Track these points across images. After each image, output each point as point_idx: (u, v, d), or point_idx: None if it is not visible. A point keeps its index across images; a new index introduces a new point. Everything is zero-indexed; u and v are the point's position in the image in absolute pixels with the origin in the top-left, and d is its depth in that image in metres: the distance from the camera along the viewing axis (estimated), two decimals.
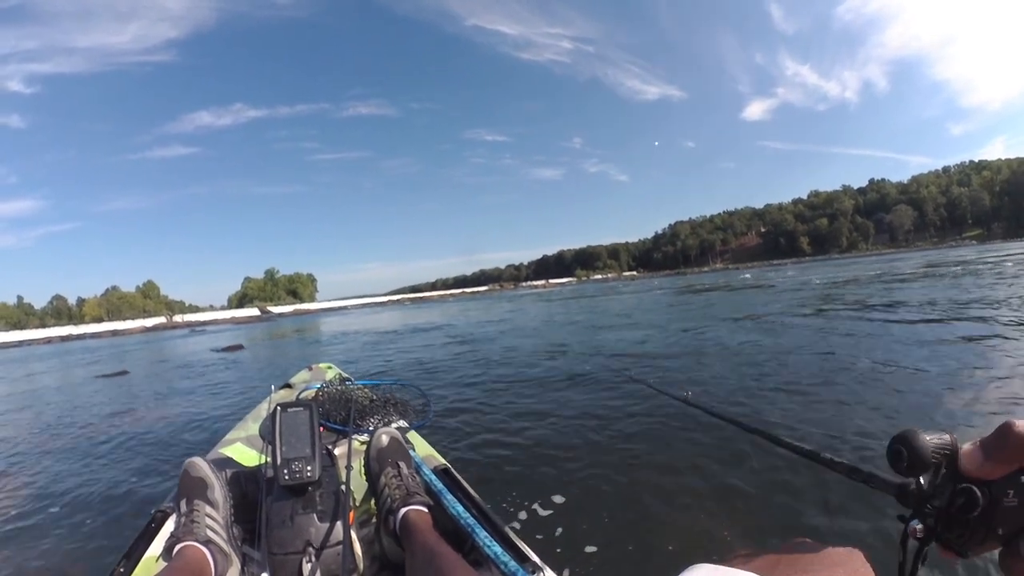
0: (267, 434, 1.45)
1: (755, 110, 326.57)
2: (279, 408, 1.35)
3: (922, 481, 0.45)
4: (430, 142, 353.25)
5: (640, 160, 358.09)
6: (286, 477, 1.24)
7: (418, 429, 2.11)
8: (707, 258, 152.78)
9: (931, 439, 0.43)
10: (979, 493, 0.39)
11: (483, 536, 1.17)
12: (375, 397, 2.25)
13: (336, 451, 1.65)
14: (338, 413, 2.04)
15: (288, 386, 2.74)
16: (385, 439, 1.47)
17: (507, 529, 1.26)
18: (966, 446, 0.41)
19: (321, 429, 1.44)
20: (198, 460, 1.33)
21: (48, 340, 49.05)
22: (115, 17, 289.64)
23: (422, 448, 1.87)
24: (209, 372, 10.45)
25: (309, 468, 1.26)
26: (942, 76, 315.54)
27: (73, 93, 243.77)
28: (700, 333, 8.08)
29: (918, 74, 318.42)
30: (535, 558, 1.15)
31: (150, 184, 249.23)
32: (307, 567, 1.17)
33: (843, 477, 0.59)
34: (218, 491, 1.30)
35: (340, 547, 1.19)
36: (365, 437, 1.79)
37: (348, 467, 1.39)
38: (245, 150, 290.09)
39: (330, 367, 3.23)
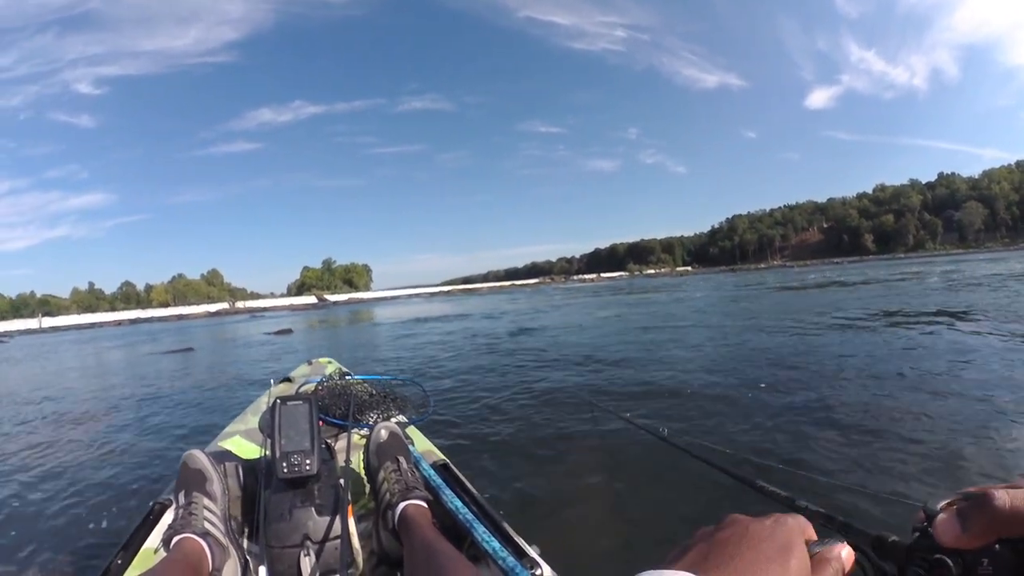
0: (266, 427, 1.43)
1: (818, 98, 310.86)
2: (279, 401, 1.35)
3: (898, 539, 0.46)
4: (484, 135, 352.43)
5: (698, 151, 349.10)
6: (285, 470, 1.24)
7: (417, 424, 2.10)
8: (765, 254, 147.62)
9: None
10: (952, 564, 0.39)
11: (481, 531, 1.16)
12: (375, 392, 2.23)
13: (335, 445, 1.65)
14: (337, 407, 2.02)
15: (288, 380, 2.76)
16: (384, 434, 1.47)
17: (505, 524, 1.26)
18: (941, 516, 0.39)
19: (320, 423, 1.43)
20: (197, 453, 1.33)
21: (119, 323, 52.25)
22: (176, 21, 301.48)
23: (421, 443, 1.86)
24: (252, 352, 11.94)
25: (308, 462, 1.25)
26: (1015, 62, 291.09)
27: (139, 94, 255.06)
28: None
29: (989, 60, 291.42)
30: (533, 554, 1.15)
31: (215, 178, 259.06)
32: (305, 561, 1.16)
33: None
34: (216, 484, 1.30)
35: (338, 541, 1.19)
36: (364, 432, 1.78)
37: (347, 461, 1.40)
38: (305, 145, 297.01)
39: (330, 362, 3.24)
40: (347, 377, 2.39)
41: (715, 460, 1.03)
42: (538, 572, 1.08)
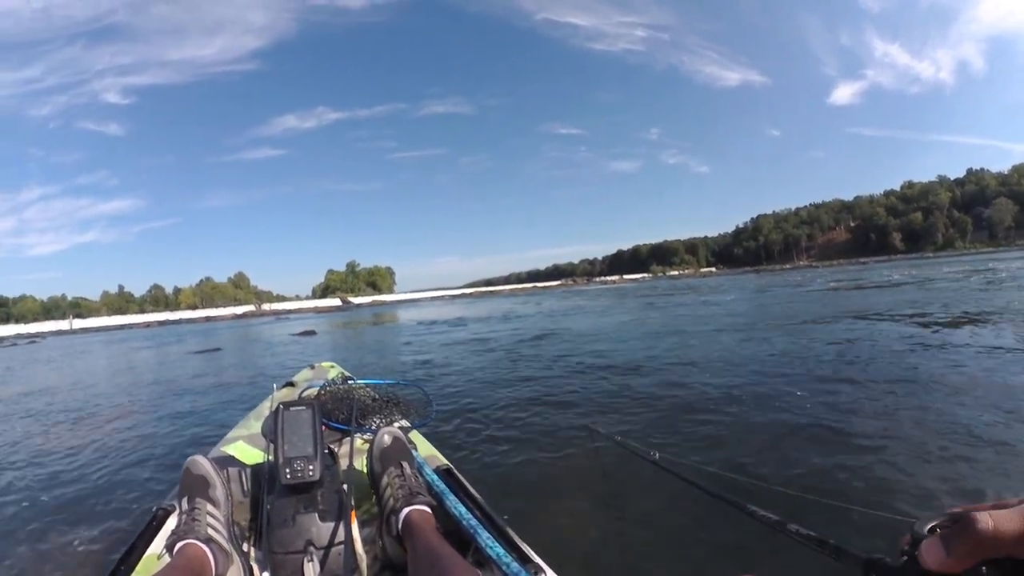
0: (269, 433, 1.44)
1: (843, 94, 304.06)
2: (281, 407, 1.35)
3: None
4: (505, 137, 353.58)
5: (721, 150, 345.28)
6: (288, 476, 1.24)
7: (420, 429, 2.10)
8: (791, 254, 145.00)
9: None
10: None
11: (485, 537, 1.15)
12: (377, 397, 2.22)
13: (338, 450, 1.64)
14: (340, 412, 2.00)
15: (290, 384, 2.75)
16: (388, 439, 1.47)
17: (509, 530, 1.25)
18: (927, 540, 0.40)
19: (323, 428, 1.43)
20: (200, 458, 1.34)
21: (148, 324, 53.47)
22: (202, 32, 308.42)
23: (424, 448, 1.85)
24: (277, 352, 12.61)
25: (311, 467, 1.26)
26: None
27: (167, 102, 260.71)
28: None
29: (1016, 52, 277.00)
30: (537, 559, 1.14)
31: (241, 183, 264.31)
32: (309, 567, 1.16)
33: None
34: (219, 489, 1.32)
35: (342, 547, 1.19)
36: (367, 436, 1.78)
37: (350, 467, 1.40)
38: (328, 150, 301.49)
39: (332, 366, 3.26)
40: (350, 381, 2.40)
41: (705, 484, 1.04)
42: None
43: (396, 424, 1.98)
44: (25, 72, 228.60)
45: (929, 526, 0.41)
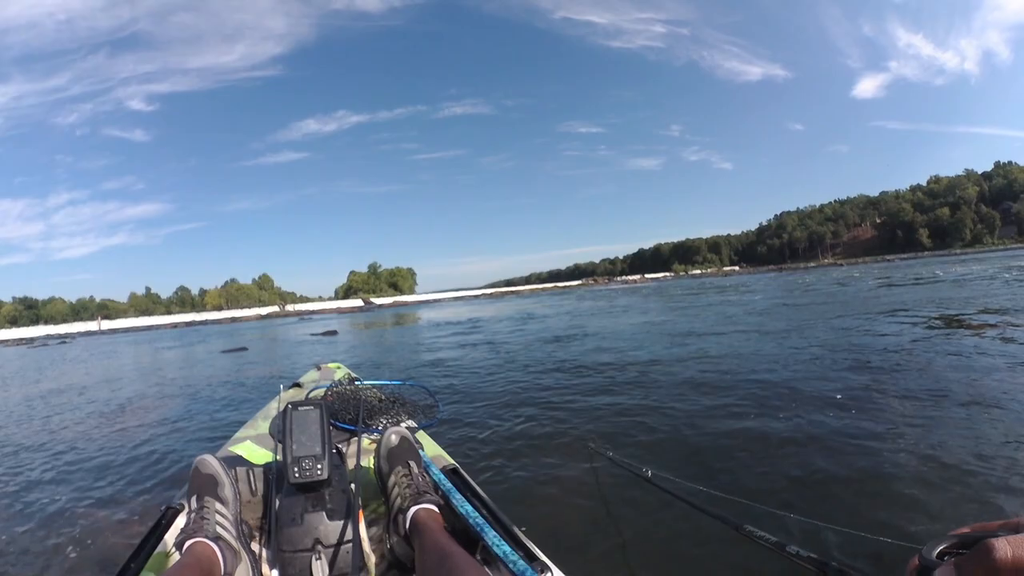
0: (277, 432, 1.49)
1: (867, 87, 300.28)
2: (290, 406, 1.37)
3: None
4: (525, 137, 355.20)
5: (744, 146, 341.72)
6: (296, 475, 1.26)
7: (426, 429, 2.11)
8: (816, 252, 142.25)
9: None
10: None
11: (492, 536, 1.16)
12: (384, 397, 2.25)
13: (346, 450, 1.66)
14: (347, 412, 2.02)
15: (298, 385, 2.78)
16: (395, 438, 1.47)
17: (516, 529, 1.25)
18: (940, 568, 0.38)
19: (331, 428, 1.45)
20: (208, 458, 1.35)
21: (174, 325, 54.54)
22: (223, 39, 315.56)
23: (430, 448, 1.87)
24: (300, 351, 13.15)
25: (319, 466, 1.27)
26: None
27: (190, 108, 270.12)
28: None
29: None
30: (543, 557, 1.15)
31: (265, 187, 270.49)
32: (317, 565, 1.18)
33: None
34: (228, 488, 1.33)
35: (350, 545, 1.20)
36: (374, 436, 1.81)
37: (358, 466, 1.43)
38: (350, 153, 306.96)
39: (339, 367, 3.28)
40: (356, 382, 2.42)
41: (700, 503, 1.03)
42: None
43: (403, 424, 1.99)
44: (51, 81, 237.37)
45: (938, 550, 0.39)
